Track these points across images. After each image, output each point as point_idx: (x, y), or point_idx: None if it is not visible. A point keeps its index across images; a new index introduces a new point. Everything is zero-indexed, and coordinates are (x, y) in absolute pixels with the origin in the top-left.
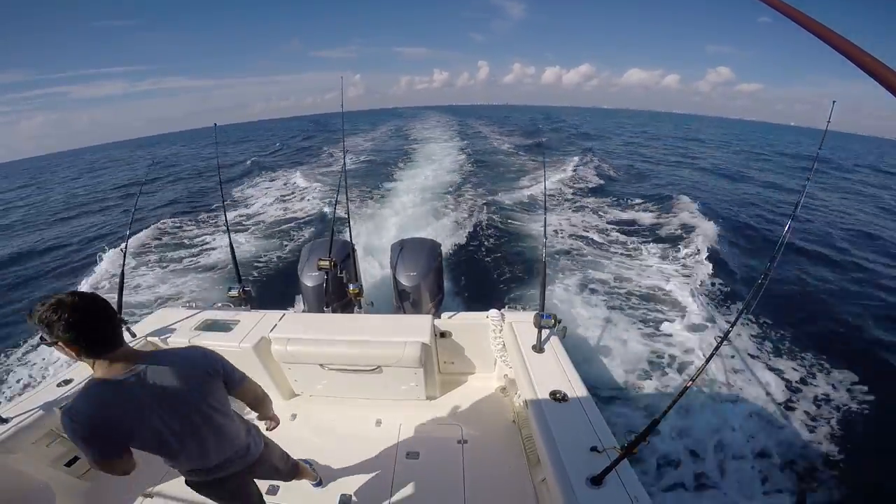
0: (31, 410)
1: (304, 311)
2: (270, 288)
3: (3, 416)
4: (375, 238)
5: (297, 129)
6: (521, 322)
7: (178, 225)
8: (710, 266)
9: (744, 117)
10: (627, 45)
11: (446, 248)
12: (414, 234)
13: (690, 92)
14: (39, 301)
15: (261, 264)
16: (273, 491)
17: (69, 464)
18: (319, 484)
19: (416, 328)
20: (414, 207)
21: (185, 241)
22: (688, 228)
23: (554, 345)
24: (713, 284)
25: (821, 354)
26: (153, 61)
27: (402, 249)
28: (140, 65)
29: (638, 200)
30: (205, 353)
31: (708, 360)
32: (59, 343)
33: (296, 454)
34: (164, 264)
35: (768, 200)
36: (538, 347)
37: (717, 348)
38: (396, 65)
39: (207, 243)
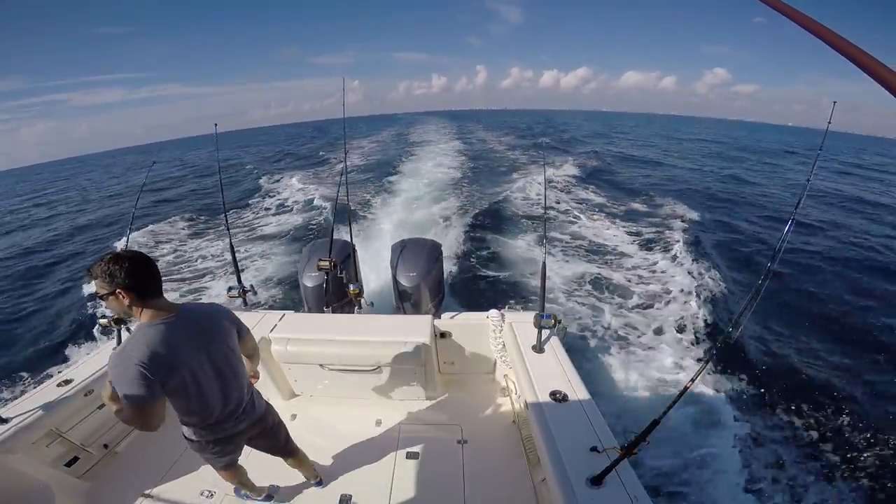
0: (31, 410)
1: (304, 312)
2: (270, 288)
3: (3, 416)
4: (376, 238)
5: (298, 135)
6: (521, 322)
7: (178, 226)
8: (710, 267)
9: (743, 118)
10: (624, 46)
11: (447, 248)
12: (414, 234)
13: (688, 94)
14: (96, 261)
15: (261, 264)
16: (273, 490)
17: (69, 464)
18: (320, 483)
19: (416, 328)
20: (415, 208)
21: (186, 241)
22: (685, 232)
23: (554, 345)
24: (714, 285)
25: (822, 353)
26: (151, 68)
27: (403, 250)
28: (138, 72)
29: (637, 204)
30: (222, 306)
31: (708, 361)
32: (117, 291)
33: None
34: (165, 265)
35: (768, 200)
36: (538, 347)
37: (717, 348)
38: (395, 70)
39: (208, 244)
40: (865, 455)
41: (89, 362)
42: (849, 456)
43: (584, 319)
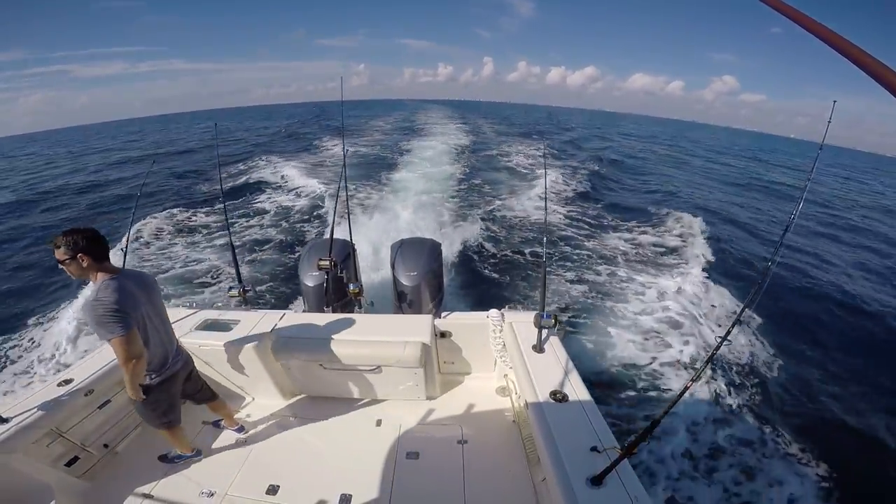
0: (30, 410)
1: (304, 311)
2: (270, 288)
3: (3, 416)
4: (376, 237)
5: (299, 116)
6: (521, 322)
7: (178, 225)
8: (710, 268)
9: (745, 127)
10: (633, 48)
11: (446, 247)
12: (414, 233)
13: (693, 100)
14: (57, 235)
15: (261, 264)
16: (273, 491)
17: (69, 464)
18: (241, 430)
19: (416, 328)
20: (415, 207)
21: (186, 240)
22: (684, 232)
23: (554, 345)
24: (713, 285)
25: (820, 353)
26: (154, 43)
27: (403, 249)
28: (140, 45)
29: (639, 206)
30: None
31: (708, 361)
32: (79, 255)
33: (296, 454)
34: (164, 265)
35: (768, 199)
36: (538, 347)
37: (717, 349)
38: (401, 56)
39: (207, 243)
40: (865, 453)
41: (89, 362)
42: (848, 456)
43: (584, 320)
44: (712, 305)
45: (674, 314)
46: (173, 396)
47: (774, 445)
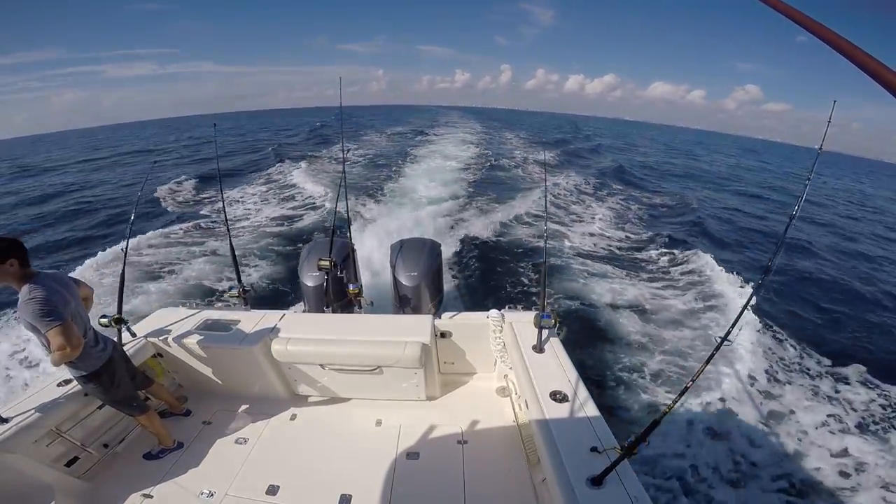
0: (30, 410)
1: (304, 312)
2: (270, 288)
3: (3, 416)
4: (376, 238)
5: (316, 120)
6: (521, 322)
7: (178, 225)
8: (711, 267)
9: (770, 138)
10: (654, 56)
11: (447, 248)
12: (415, 233)
13: (716, 109)
14: None
15: (261, 264)
16: (273, 491)
17: (69, 464)
18: (188, 413)
19: (416, 328)
20: (416, 207)
21: (186, 241)
22: (685, 232)
23: (554, 345)
24: (713, 285)
25: (819, 351)
26: (181, 45)
27: (403, 249)
28: (169, 48)
29: (637, 203)
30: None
31: (708, 361)
32: (8, 261)
33: (296, 454)
34: (164, 264)
35: (770, 199)
36: (538, 347)
37: (717, 348)
38: (419, 63)
39: (207, 243)
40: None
41: None
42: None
43: (585, 320)
44: (713, 305)
45: (675, 313)
46: (124, 378)
47: (774, 445)
